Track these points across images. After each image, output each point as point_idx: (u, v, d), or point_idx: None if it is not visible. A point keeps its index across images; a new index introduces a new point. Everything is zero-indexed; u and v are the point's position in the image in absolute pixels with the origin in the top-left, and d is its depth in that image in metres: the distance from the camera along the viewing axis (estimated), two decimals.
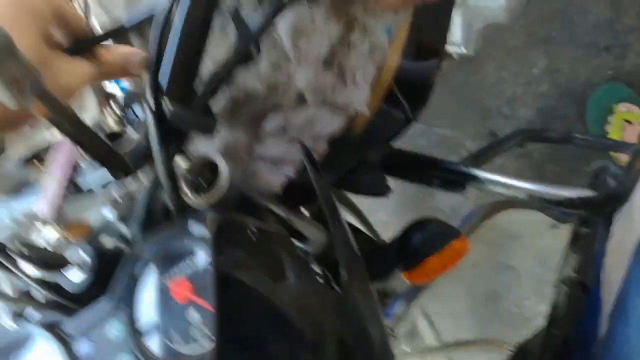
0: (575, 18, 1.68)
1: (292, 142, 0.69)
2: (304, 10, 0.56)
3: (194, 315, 0.43)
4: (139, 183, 0.56)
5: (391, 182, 0.88)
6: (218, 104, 0.58)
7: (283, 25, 0.56)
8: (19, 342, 0.49)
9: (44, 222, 0.49)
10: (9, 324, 0.52)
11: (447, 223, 0.73)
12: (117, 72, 0.50)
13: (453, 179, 0.86)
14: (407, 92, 0.87)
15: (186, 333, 0.43)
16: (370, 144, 0.80)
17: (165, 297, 0.45)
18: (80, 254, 0.50)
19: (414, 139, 1.86)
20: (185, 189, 0.53)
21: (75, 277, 0.50)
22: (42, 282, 0.54)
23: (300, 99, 0.63)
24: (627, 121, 1.56)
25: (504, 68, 1.78)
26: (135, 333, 0.44)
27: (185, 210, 0.52)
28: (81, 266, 0.49)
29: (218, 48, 0.56)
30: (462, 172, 0.85)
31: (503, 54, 1.77)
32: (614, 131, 1.58)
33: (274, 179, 0.70)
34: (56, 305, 0.55)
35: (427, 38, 0.86)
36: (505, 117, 1.77)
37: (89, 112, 0.60)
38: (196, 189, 0.53)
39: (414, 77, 0.87)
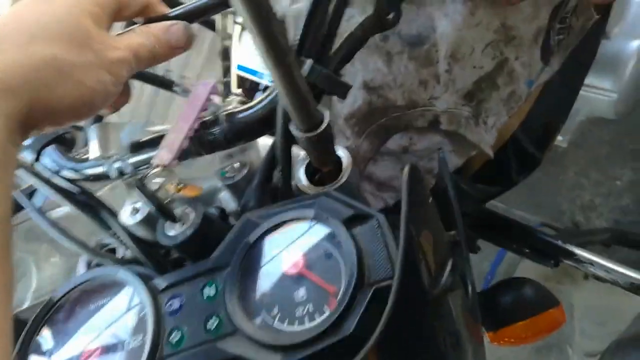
0: None
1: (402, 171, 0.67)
2: (464, 32, 0.55)
3: (301, 292, 0.39)
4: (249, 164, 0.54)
5: None
6: (354, 104, 0.57)
7: (442, 41, 0.55)
8: (105, 286, 0.46)
9: (160, 170, 0.47)
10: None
11: (546, 288, 0.67)
12: (165, 46, 0.46)
13: (548, 251, 0.80)
14: (517, 156, 0.85)
15: (291, 310, 0.39)
16: (473, 195, 0.77)
17: (276, 268, 0.42)
18: (189, 210, 0.47)
19: None
20: (302, 174, 0.51)
21: (174, 232, 0.47)
22: (132, 235, 0.52)
23: (432, 125, 0.61)
24: None
25: (586, 175, 1.73)
26: (236, 299, 0.40)
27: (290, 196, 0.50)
28: (185, 222, 0.47)
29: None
30: (558, 247, 0.79)
31: (587, 160, 1.73)
32: None
33: (374, 202, 0.67)
34: (136, 263, 0.52)
35: (549, 114, 0.85)
36: (577, 225, 1.70)
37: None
38: (311, 176, 0.51)
39: (526, 145, 0.85)
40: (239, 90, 0.77)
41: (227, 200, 0.55)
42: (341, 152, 0.52)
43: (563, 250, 0.79)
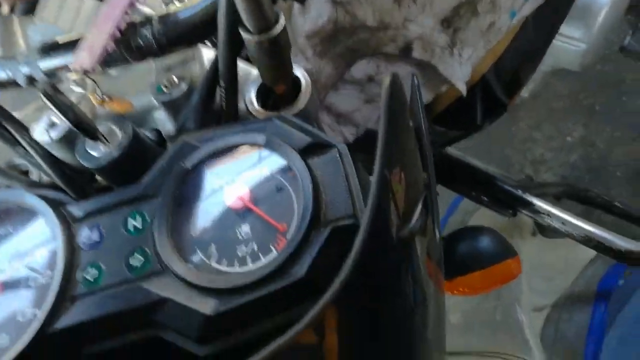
0: (622, 97, 1.65)
1: (367, 104, 0.61)
2: None
3: (245, 229, 0.33)
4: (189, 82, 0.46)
5: None
6: (319, 19, 0.49)
7: None
8: (10, 212, 0.38)
9: (80, 77, 0.39)
10: None
11: (503, 237, 0.64)
12: None
13: (505, 200, 0.77)
14: (484, 100, 0.80)
15: (231, 249, 0.33)
16: (438, 135, 0.72)
17: (216, 200, 0.35)
18: (115, 127, 0.39)
19: None
20: (252, 95, 0.44)
21: (97, 152, 0.39)
22: (48, 155, 0.44)
23: (403, 52, 0.54)
24: None
25: (539, 129, 1.73)
26: (167, 233, 0.34)
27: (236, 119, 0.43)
28: (112, 141, 0.39)
29: None
30: (516, 196, 0.76)
31: (541, 114, 1.73)
32: None
33: (332, 136, 0.61)
34: (54, 189, 0.44)
35: (522, 58, 0.80)
36: (530, 177, 1.71)
37: None
38: (263, 100, 0.44)
39: (495, 88, 0.80)
40: None
41: (163, 121, 0.47)
42: (300, 74, 0.45)
43: (522, 200, 0.76)
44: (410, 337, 0.38)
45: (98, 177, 0.48)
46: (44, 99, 0.36)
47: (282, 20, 0.37)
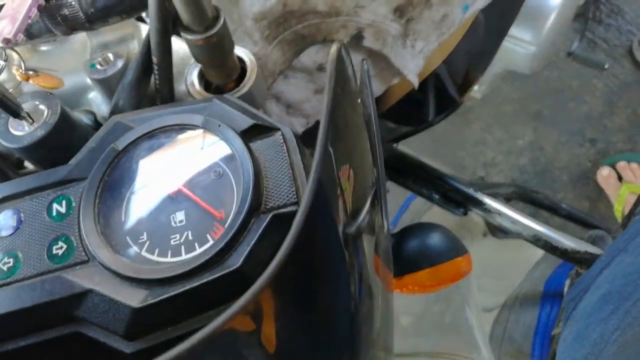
0: (569, 103, 1.70)
1: (317, 95, 0.59)
2: None
3: (179, 216, 0.31)
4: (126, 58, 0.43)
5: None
6: (267, 2, 0.47)
7: None
8: None
9: (1, 48, 0.36)
10: None
11: (454, 235, 0.63)
12: None
13: (457, 198, 0.77)
14: (435, 96, 0.80)
15: (164, 237, 0.30)
16: (388, 130, 0.71)
17: (149, 185, 0.32)
18: (41, 105, 0.36)
19: None
20: (195, 77, 0.42)
21: (20, 131, 0.36)
22: None
23: (354, 40, 0.53)
24: None
25: (490, 132, 1.76)
26: (93, 219, 0.31)
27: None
28: (37, 120, 0.36)
29: None
30: (468, 195, 0.76)
31: (492, 117, 1.76)
32: None
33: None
34: None
35: (474, 56, 0.80)
36: (478, 179, 1.74)
37: None
38: (206, 82, 0.42)
39: (447, 84, 0.80)
40: None
41: (98, 103, 0.44)
42: (244, 55, 0.43)
43: (473, 199, 0.76)
44: (353, 332, 0.36)
45: (26, 164, 0.44)
46: None
47: (221, 19, 0.35)
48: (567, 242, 0.72)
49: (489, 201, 0.75)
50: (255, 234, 0.30)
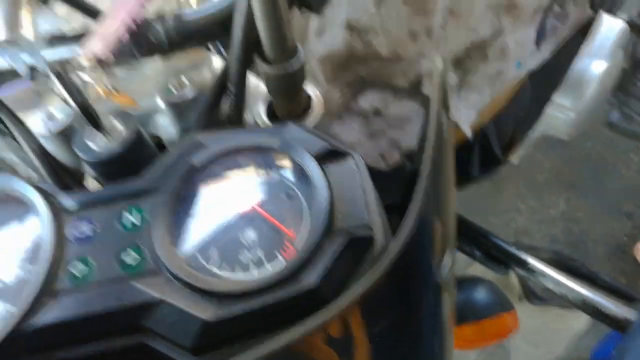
0: (605, 175, 1.68)
1: (369, 139, 0.60)
2: None
3: (250, 234, 0.31)
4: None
5: None
6: (333, 44, 0.49)
7: None
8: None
9: (91, 64, 0.37)
10: None
11: (500, 289, 0.62)
12: None
13: (498, 256, 0.75)
14: (480, 152, 0.80)
15: (234, 253, 0.30)
16: None
17: (222, 201, 0.33)
18: (118, 122, 0.37)
19: None
20: (262, 109, 0.43)
21: (97, 145, 0.37)
22: (41, 149, 0.41)
23: (412, 87, 0.54)
24: None
25: (523, 199, 1.74)
26: (165, 231, 0.31)
27: None
28: (113, 135, 0.37)
29: None
30: (510, 253, 0.75)
31: (525, 184, 1.75)
32: None
33: None
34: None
35: (519, 116, 0.81)
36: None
37: None
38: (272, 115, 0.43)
39: (492, 142, 0.80)
40: None
41: (165, 126, 0.45)
42: (312, 92, 0.44)
43: (516, 258, 0.75)
44: None
45: (87, 182, 0.45)
46: (54, 79, 0.34)
47: (300, 53, 0.37)
48: (619, 309, 0.69)
49: (533, 261, 0.73)
50: (329, 254, 0.29)
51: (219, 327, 0.28)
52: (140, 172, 0.35)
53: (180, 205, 0.33)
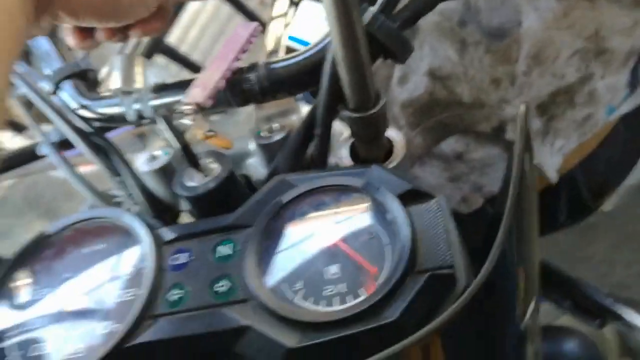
0: None
1: (451, 183, 0.60)
2: (553, 33, 0.49)
3: (334, 269, 0.32)
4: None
5: None
6: (415, 91, 0.51)
7: (527, 38, 0.49)
8: (104, 229, 0.39)
9: (192, 110, 0.41)
10: None
11: (593, 343, 0.58)
12: None
13: (591, 309, 0.71)
14: (568, 198, 0.77)
15: (318, 287, 0.32)
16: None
17: (308, 237, 0.34)
18: (214, 162, 0.41)
19: None
20: (345, 152, 0.44)
21: (194, 182, 0.40)
22: (144, 187, 0.45)
23: (495, 132, 0.54)
24: None
25: (618, 251, 1.63)
26: (255, 263, 0.33)
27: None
28: (209, 173, 0.40)
29: None
30: (605, 306, 0.70)
31: (620, 235, 1.64)
32: None
33: None
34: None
35: (612, 161, 0.78)
36: None
37: None
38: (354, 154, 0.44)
39: (581, 188, 0.77)
40: None
41: (255, 167, 0.48)
42: (394, 134, 0.45)
43: (611, 312, 0.70)
44: None
45: (182, 219, 0.49)
46: (162, 122, 0.38)
47: (382, 101, 0.39)
48: None
49: (632, 316, 0.69)
50: (411, 291, 0.30)
51: (302, 354, 0.29)
52: (232, 208, 0.38)
53: (269, 239, 0.35)
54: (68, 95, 0.49)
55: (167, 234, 0.37)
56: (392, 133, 0.46)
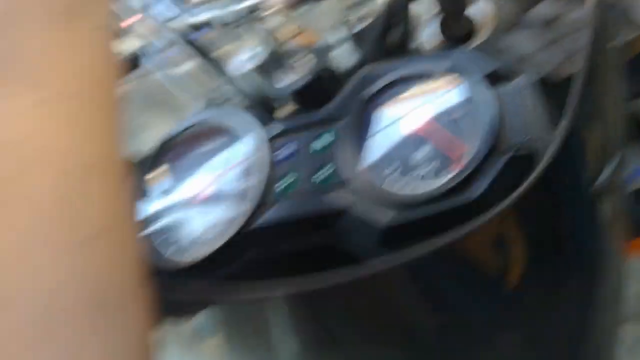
0: None
1: (552, 45, 0.58)
2: None
3: (423, 151, 0.35)
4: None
5: None
6: None
7: None
8: (219, 129, 0.44)
9: (278, 9, 0.43)
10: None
11: None
12: None
13: None
14: None
15: (408, 169, 0.35)
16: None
17: (395, 125, 0.37)
18: (306, 56, 0.43)
19: None
20: (430, 33, 0.45)
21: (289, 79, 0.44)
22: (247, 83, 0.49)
23: None
24: None
25: None
26: (349, 151, 0.37)
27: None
28: (302, 69, 0.43)
29: None
30: None
31: None
32: None
33: None
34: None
35: None
36: None
37: None
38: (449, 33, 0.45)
39: None
40: None
41: (342, 58, 0.50)
42: (483, 5, 0.45)
43: None
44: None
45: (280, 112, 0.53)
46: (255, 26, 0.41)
47: None
48: None
49: None
50: (494, 169, 0.32)
51: (396, 231, 0.34)
52: (328, 100, 0.41)
53: (361, 127, 0.38)
54: (165, 7, 0.53)
55: (275, 128, 0.42)
56: (481, 4, 0.45)
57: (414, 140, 0.36)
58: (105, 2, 0.29)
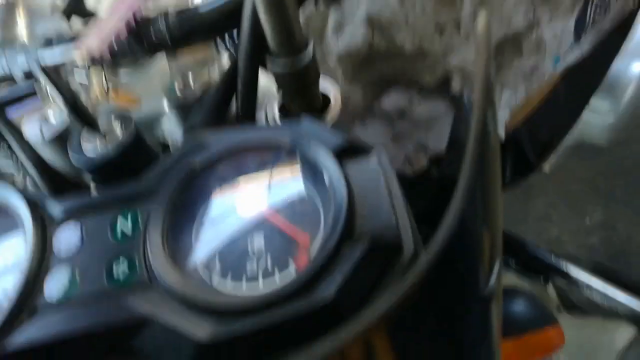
0: None
1: (394, 142, 0.55)
2: None
3: (257, 241, 0.27)
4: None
5: None
6: (353, 40, 0.45)
7: None
8: None
9: (86, 63, 0.34)
10: None
11: (541, 301, 0.56)
12: None
13: (535, 266, 0.70)
14: (512, 157, 0.75)
15: (239, 263, 0.26)
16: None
17: (225, 206, 0.29)
18: (116, 123, 0.34)
19: None
20: (275, 108, 0.39)
21: (92, 150, 0.34)
22: (36, 157, 0.38)
23: (440, 85, 0.49)
24: None
25: (555, 208, 1.66)
26: (161, 239, 0.27)
27: None
28: (110, 138, 0.33)
29: None
30: (549, 263, 0.69)
31: (558, 193, 1.67)
32: None
33: None
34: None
35: (555, 119, 0.76)
36: None
37: None
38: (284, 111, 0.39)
39: (525, 146, 0.75)
40: None
41: (171, 130, 0.41)
42: (329, 86, 0.40)
43: (555, 268, 0.69)
44: None
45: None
46: (43, 77, 0.31)
47: (310, 46, 0.34)
48: None
49: (576, 272, 0.68)
50: (349, 262, 0.25)
51: (217, 348, 0.24)
52: (135, 174, 0.32)
53: (179, 210, 0.29)
54: None
55: (55, 208, 0.30)
56: (326, 85, 0.40)
57: (245, 230, 0.28)
58: None
